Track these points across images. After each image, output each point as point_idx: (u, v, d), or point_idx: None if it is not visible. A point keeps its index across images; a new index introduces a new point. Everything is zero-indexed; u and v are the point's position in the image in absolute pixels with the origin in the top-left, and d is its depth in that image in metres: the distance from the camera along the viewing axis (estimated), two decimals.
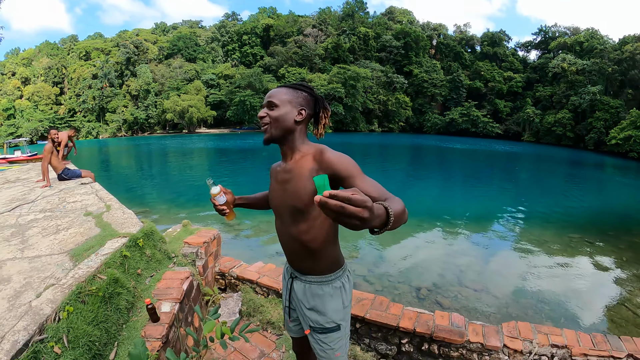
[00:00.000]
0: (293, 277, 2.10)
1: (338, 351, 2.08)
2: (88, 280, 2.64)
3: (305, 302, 2.04)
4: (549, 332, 3.24)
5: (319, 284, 2.00)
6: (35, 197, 5.86)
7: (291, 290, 2.13)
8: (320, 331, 2.03)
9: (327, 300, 2.00)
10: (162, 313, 2.73)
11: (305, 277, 2.03)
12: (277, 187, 1.97)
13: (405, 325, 3.29)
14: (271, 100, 1.87)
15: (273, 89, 1.93)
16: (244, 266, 4.52)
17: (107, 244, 3.34)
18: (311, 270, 2.00)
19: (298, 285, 2.07)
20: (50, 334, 2.16)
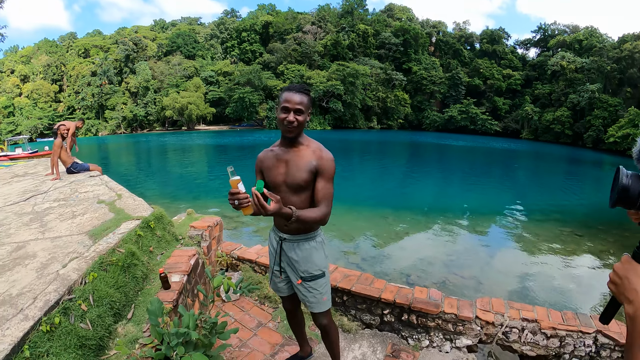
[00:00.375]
0: (282, 240, 2.66)
1: (325, 295, 2.72)
2: (109, 252, 3.06)
3: (296, 256, 2.63)
4: (520, 308, 3.57)
5: (306, 240, 2.63)
6: (47, 188, 6.23)
7: (281, 253, 2.70)
8: (310, 279, 2.65)
9: (314, 252, 2.64)
10: (172, 282, 3.15)
11: (294, 237, 2.62)
12: (279, 167, 2.52)
13: (386, 297, 3.69)
14: (300, 108, 2.40)
15: (297, 92, 2.42)
16: (244, 249, 4.94)
17: (122, 225, 3.75)
18: (300, 230, 2.60)
19: (288, 245, 2.65)
20: (78, 295, 2.57)
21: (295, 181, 2.46)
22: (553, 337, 3.34)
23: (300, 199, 2.50)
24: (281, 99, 2.46)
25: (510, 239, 11.36)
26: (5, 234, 3.83)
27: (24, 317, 2.25)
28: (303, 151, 2.50)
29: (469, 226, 12.48)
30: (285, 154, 2.53)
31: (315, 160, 2.46)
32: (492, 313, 3.50)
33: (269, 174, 2.56)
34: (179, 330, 2.15)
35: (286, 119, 2.40)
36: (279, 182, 2.52)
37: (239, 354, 3.36)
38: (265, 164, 2.60)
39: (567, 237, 11.48)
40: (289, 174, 2.48)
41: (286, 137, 2.50)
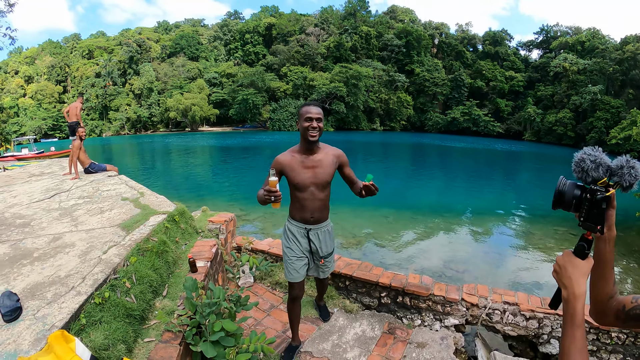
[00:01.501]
0: (308, 231, 3.28)
1: (333, 263, 3.67)
2: (144, 241, 3.54)
3: (324, 242, 3.36)
4: (503, 293, 4.09)
5: (326, 226, 3.37)
6: (69, 187, 6.66)
7: (309, 242, 3.31)
8: (329, 255, 3.47)
9: (331, 236, 3.45)
10: (198, 267, 3.64)
11: (319, 226, 3.31)
12: (306, 171, 3.11)
13: (383, 281, 4.27)
14: (321, 117, 3.03)
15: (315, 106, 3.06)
16: (257, 241, 5.46)
17: (150, 219, 4.24)
18: (323, 218, 3.32)
19: (314, 235, 3.30)
20: (122, 275, 3.06)
21: (325, 180, 3.13)
22: (532, 318, 3.79)
23: (325, 193, 3.21)
24: (302, 112, 3.04)
25: (506, 237, 11.76)
26: (38, 227, 4.26)
27: (77, 292, 2.71)
28: (324, 157, 3.15)
29: (467, 225, 12.89)
30: (310, 160, 3.12)
31: (336, 159, 3.20)
32: (477, 296, 4.01)
33: (295, 175, 3.10)
34: (212, 301, 2.61)
35: (310, 126, 2.98)
36: (307, 183, 3.11)
37: (255, 330, 3.83)
38: (289, 167, 3.11)
39: (561, 236, 11.85)
40: (317, 176, 3.11)
41: (310, 141, 3.04)
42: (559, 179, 1.26)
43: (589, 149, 1.20)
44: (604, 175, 1.16)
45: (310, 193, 3.15)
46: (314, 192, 3.16)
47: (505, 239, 11.64)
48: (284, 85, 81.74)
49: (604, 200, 1.16)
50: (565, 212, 1.25)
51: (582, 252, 1.20)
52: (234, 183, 20.35)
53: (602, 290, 1.28)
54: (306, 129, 3.00)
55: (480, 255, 9.71)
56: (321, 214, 3.26)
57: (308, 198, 3.16)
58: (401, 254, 9.32)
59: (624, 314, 1.23)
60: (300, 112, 3.06)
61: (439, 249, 9.92)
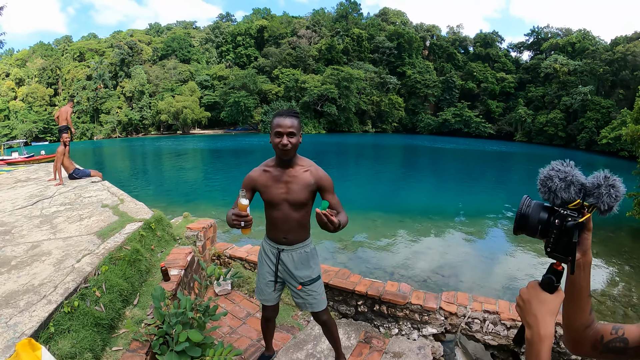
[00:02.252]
0: (280, 251, 2.93)
1: (322, 294, 3.07)
2: (117, 249, 3.56)
3: (295, 265, 2.94)
4: (484, 301, 3.98)
5: (303, 247, 2.94)
6: (52, 193, 6.67)
7: (278, 264, 2.96)
8: (309, 283, 2.97)
9: (311, 258, 2.98)
10: (171, 275, 3.66)
11: (293, 247, 2.91)
12: (280, 186, 2.76)
13: (359, 289, 4.19)
14: (292, 131, 2.62)
15: (288, 117, 2.65)
16: (235, 248, 5.44)
17: (127, 227, 4.26)
18: (299, 239, 2.91)
19: (286, 256, 2.93)
20: (92, 284, 3.08)
21: (298, 199, 2.73)
22: (513, 327, 3.70)
23: (300, 214, 2.81)
24: (273, 124, 2.68)
25: (494, 240, 11.79)
26: (19, 235, 4.28)
27: (48, 301, 2.74)
28: (301, 172, 2.75)
29: (456, 228, 12.92)
30: (284, 175, 2.75)
31: (314, 180, 2.74)
32: (456, 305, 3.93)
33: (268, 192, 2.78)
34: (178, 311, 2.63)
35: (280, 142, 2.61)
36: (279, 200, 2.76)
37: (229, 339, 3.86)
38: (261, 183, 2.81)
39: None
40: (290, 193, 2.73)
41: (282, 159, 2.72)
42: (522, 199, 1.07)
43: (558, 164, 1.01)
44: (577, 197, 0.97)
45: (283, 211, 2.80)
46: (287, 211, 2.80)
47: (493, 242, 11.68)
48: (276, 87, 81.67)
49: (576, 228, 0.97)
50: None
51: (551, 285, 1.02)
52: (223, 187, 20.32)
53: (577, 320, 1.12)
54: (276, 145, 2.65)
55: (468, 259, 9.73)
56: (296, 235, 2.89)
57: (281, 217, 2.83)
58: (388, 258, 9.33)
59: (601, 346, 1.09)
60: (271, 124, 2.71)
61: (427, 253, 9.94)
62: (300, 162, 2.82)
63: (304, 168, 2.78)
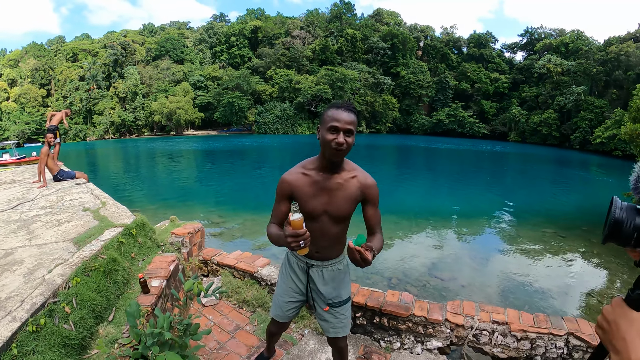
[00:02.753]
0: (309, 266, 2.54)
1: (349, 318, 2.68)
2: (91, 259, 3.26)
3: (324, 283, 2.54)
4: (491, 311, 3.66)
5: (336, 264, 2.54)
6: (34, 196, 6.37)
7: (308, 283, 2.59)
8: (339, 304, 2.57)
9: (344, 277, 2.59)
10: (152, 287, 3.35)
11: (324, 263, 2.52)
12: (321, 195, 2.30)
13: (358, 300, 3.82)
14: (351, 128, 2.16)
15: (347, 111, 2.18)
16: (224, 254, 5.08)
17: (105, 233, 3.94)
18: (332, 255, 2.51)
19: (316, 273, 2.54)
20: (62, 298, 2.77)
21: (341, 213, 2.32)
22: (524, 339, 3.41)
23: (340, 228, 2.40)
24: (327, 117, 2.20)
25: (492, 241, 11.55)
26: None
27: (12, 318, 2.44)
28: (348, 180, 2.31)
29: (452, 229, 12.68)
30: (327, 182, 2.29)
31: (361, 190, 2.31)
32: (462, 316, 3.59)
33: (308, 202, 2.31)
34: (154, 331, 2.34)
35: (335, 140, 2.12)
36: (319, 211, 2.32)
37: (216, 355, 3.53)
38: (301, 190, 2.33)
39: (549, 238, 11.68)
40: (333, 204, 2.30)
41: (332, 161, 2.23)
42: (613, 201, 0.89)
43: None
44: None
45: (320, 224, 2.36)
46: (326, 224, 2.36)
47: (492, 243, 11.43)
48: (270, 88, 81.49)
49: None
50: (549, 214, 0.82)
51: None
52: (216, 188, 19.99)
53: None
54: (328, 143, 2.15)
55: (466, 262, 9.49)
56: (331, 250, 2.48)
57: (316, 230, 2.34)
58: (385, 262, 9.05)
59: None
60: (324, 117, 2.23)
61: (425, 256, 9.68)
62: (346, 166, 2.37)
63: (351, 174, 2.34)
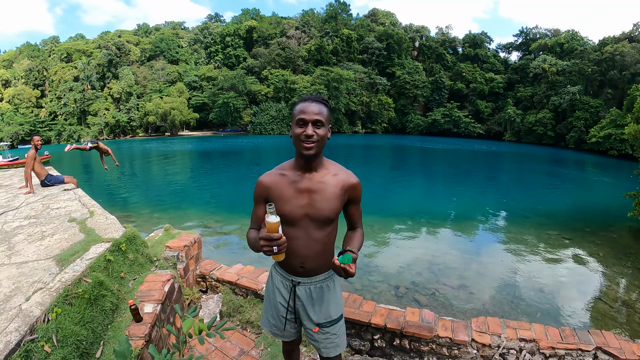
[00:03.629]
0: (295, 285, 2.24)
1: (341, 336, 2.36)
2: (74, 283, 2.81)
3: (312, 303, 2.25)
4: (517, 327, 3.37)
5: (324, 280, 2.25)
6: (19, 203, 5.96)
7: (295, 302, 2.28)
8: (329, 324, 2.28)
9: (333, 294, 2.28)
10: (144, 313, 2.92)
11: (311, 280, 2.23)
12: (300, 197, 2.07)
13: (376, 322, 3.46)
14: (319, 119, 1.98)
15: (314, 102, 2.01)
16: (223, 268, 4.64)
17: (91, 249, 3.50)
18: (320, 268, 2.22)
19: (302, 291, 2.24)
20: (41, 334, 2.33)
21: (323, 215, 2.07)
22: (552, 356, 3.18)
23: (325, 233, 2.13)
24: (295, 111, 2.04)
25: (497, 245, 11.24)
26: None
27: None
28: (329, 180, 2.10)
29: (456, 232, 12.38)
30: (306, 182, 2.08)
31: (345, 189, 2.13)
32: (489, 334, 3.31)
33: (286, 205, 2.07)
34: None
35: (303, 133, 1.96)
36: (299, 215, 2.08)
37: None
38: (278, 192, 2.11)
39: (554, 241, 11.41)
40: (314, 206, 2.07)
41: (305, 156, 2.02)
42: None
43: None
44: None
45: (302, 230, 2.10)
46: (309, 229, 2.10)
47: (496, 246, 11.13)
48: (265, 88, 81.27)
49: None
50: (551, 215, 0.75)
51: None
52: (211, 190, 19.59)
53: None
54: (297, 137, 1.99)
55: (473, 267, 9.16)
56: (317, 262, 2.17)
57: (299, 237, 2.10)
58: (390, 268, 8.71)
59: None
60: (293, 112, 2.06)
61: (430, 262, 9.35)
62: (326, 164, 2.16)
63: (332, 172, 2.13)
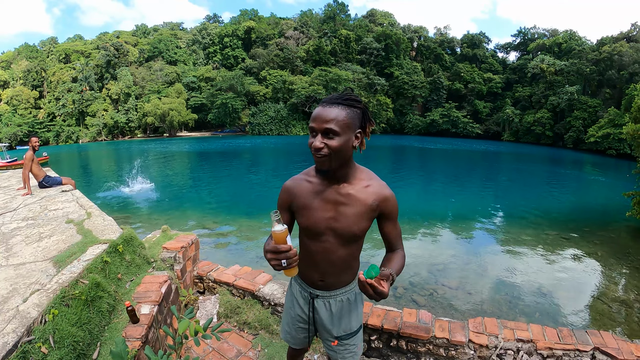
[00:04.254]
0: (313, 298, 2.12)
1: (359, 346, 2.26)
2: (71, 285, 2.82)
3: (331, 316, 2.13)
4: (515, 327, 3.40)
5: (345, 294, 2.10)
6: (17, 205, 5.97)
7: (314, 314, 2.16)
8: (349, 337, 2.17)
9: (354, 308, 2.15)
10: (141, 315, 2.93)
11: (331, 293, 2.09)
12: (326, 207, 1.88)
13: (373, 323, 3.48)
14: (331, 127, 1.68)
15: (326, 107, 1.74)
16: (221, 269, 4.65)
17: (88, 251, 3.51)
18: (340, 283, 2.08)
19: (322, 305, 2.11)
20: (38, 336, 2.34)
21: (350, 231, 1.87)
22: (550, 357, 3.20)
23: (349, 250, 1.97)
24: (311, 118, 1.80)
25: (496, 245, 11.25)
26: None
27: None
28: (360, 191, 1.86)
29: (453, 232, 12.38)
30: (333, 193, 1.87)
31: (377, 203, 1.87)
32: (486, 335, 3.34)
33: (310, 215, 1.90)
34: None
35: (312, 144, 1.73)
36: (322, 228, 1.90)
37: None
38: (303, 200, 1.93)
39: (553, 240, 11.41)
40: (340, 220, 1.87)
41: (319, 170, 1.87)
42: None
43: None
44: None
45: (324, 244, 1.93)
46: (332, 244, 1.92)
47: (495, 246, 11.13)
48: (264, 89, 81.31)
49: None
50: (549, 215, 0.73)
51: None
52: (209, 191, 19.56)
53: None
54: (311, 149, 1.76)
55: (471, 267, 9.17)
56: (338, 277, 2.04)
57: (320, 251, 1.96)
58: None
59: None
60: None
61: (428, 261, 9.36)
62: (358, 173, 1.91)
63: (364, 183, 1.89)
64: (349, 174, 1.87)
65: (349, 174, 1.87)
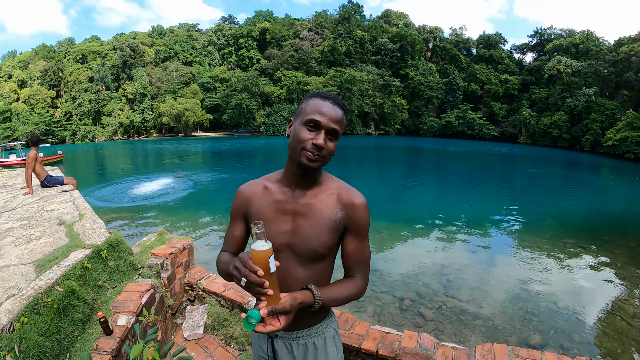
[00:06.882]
0: (272, 338, 1.66)
1: None
2: (45, 291, 2.72)
3: None
4: (527, 356, 2.87)
5: (310, 337, 1.63)
6: (16, 204, 5.95)
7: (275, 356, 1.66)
8: None
9: (322, 356, 1.64)
10: (117, 326, 2.78)
11: (291, 334, 1.62)
12: (285, 220, 1.53)
13: (367, 347, 3.03)
14: (336, 128, 1.46)
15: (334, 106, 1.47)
16: (212, 277, 4.41)
17: (70, 255, 3.40)
18: (303, 321, 1.58)
19: (282, 347, 1.64)
20: (4, 344, 2.23)
21: (310, 247, 1.49)
22: None
23: (311, 273, 1.53)
24: (307, 106, 1.50)
25: (510, 254, 10.91)
26: None
27: None
28: (323, 200, 1.53)
29: (467, 240, 12.04)
30: (293, 202, 1.53)
31: (343, 211, 1.52)
32: None
33: (265, 228, 1.35)
34: None
35: (313, 140, 1.42)
36: (279, 243, 1.49)
37: None
38: (258, 209, 1.58)
39: (571, 249, 11.02)
40: (299, 234, 1.50)
41: (304, 166, 1.45)
42: None
43: None
44: None
45: (284, 264, 1.50)
46: (288, 265, 1.51)
47: (509, 255, 10.76)
48: (278, 89, 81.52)
49: None
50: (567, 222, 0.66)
51: None
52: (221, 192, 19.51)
53: None
54: (303, 143, 1.43)
55: (484, 278, 8.81)
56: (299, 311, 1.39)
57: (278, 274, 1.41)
58: (396, 279, 8.46)
59: None
60: (303, 106, 1.52)
61: (438, 272, 9.05)
62: (324, 180, 1.59)
63: (329, 191, 1.56)
64: (314, 179, 1.56)
65: (314, 179, 1.57)
